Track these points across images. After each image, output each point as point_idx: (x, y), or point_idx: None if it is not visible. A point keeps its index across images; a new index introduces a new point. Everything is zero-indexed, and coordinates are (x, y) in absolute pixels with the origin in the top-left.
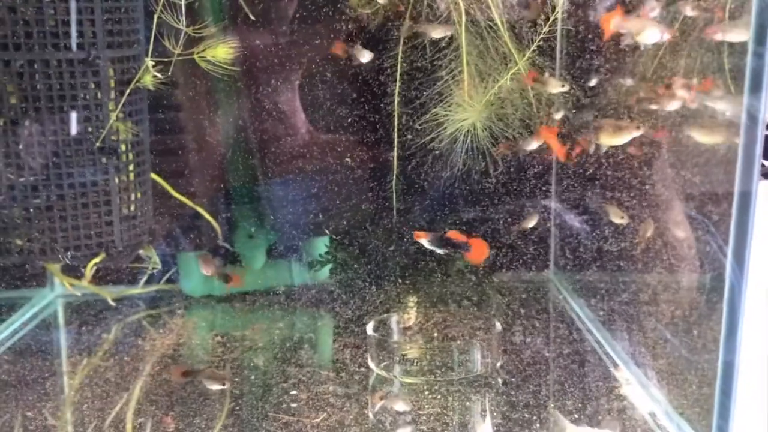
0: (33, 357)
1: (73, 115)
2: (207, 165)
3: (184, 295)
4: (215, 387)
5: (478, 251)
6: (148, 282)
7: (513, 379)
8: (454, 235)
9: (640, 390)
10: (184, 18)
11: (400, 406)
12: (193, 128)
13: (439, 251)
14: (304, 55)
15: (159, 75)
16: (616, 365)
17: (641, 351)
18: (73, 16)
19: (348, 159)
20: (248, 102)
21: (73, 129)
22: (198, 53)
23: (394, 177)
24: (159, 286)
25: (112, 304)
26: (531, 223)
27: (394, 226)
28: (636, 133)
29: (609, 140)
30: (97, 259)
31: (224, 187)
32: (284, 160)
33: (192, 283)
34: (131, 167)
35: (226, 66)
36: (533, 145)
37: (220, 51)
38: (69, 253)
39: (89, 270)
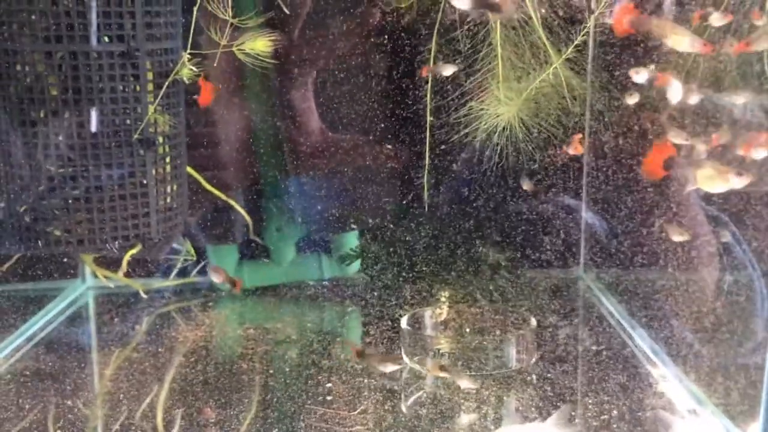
0: (66, 348)
1: (94, 112)
2: (234, 159)
3: (214, 287)
4: (390, 368)
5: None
6: (179, 274)
7: (549, 375)
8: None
9: (679, 387)
10: (230, 9)
11: (465, 383)
12: (220, 122)
13: None
14: (334, 49)
15: (194, 69)
16: (652, 362)
17: (679, 348)
18: (93, 7)
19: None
20: (275, 97)
21: (93, 125)
22: (237, 46)
23: (426, 171)
24: (190, 279)
25: (144, 296)
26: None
27: (426, 220)
28: (738, 182)
29: (708, 185)
30: (133, 251)
31: (252, 181)
32: (312, 154)
33: None
34: (168, 159)
35: (264, 59)
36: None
37: (260, 44)
38: (108, 244)
39: (125, 261)
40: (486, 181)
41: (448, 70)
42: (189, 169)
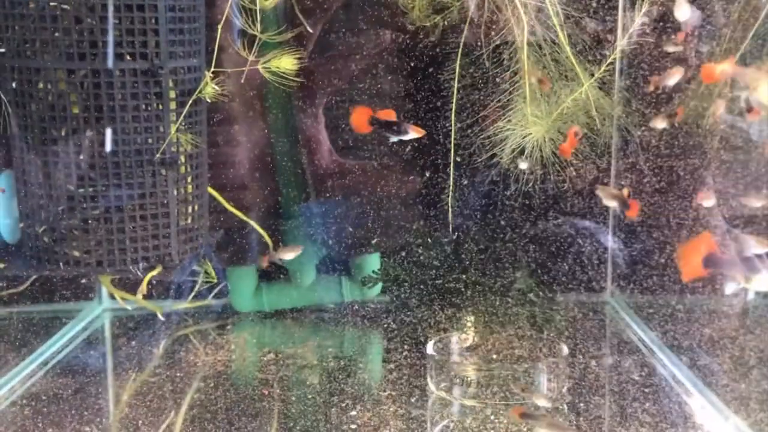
0: (82, 372)
1: (109, 131)
2: (254, 179)
3: (233, 310)
4: None
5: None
6: (197, 297)
7: (581, 405)
8: None
9: (719, 418)
10: (258, 24)
11: (542, 401)
12: (240, 142)
13: None
14: (347, 72)
15: (217, 87)
16: (687, 391)
17: (717, 376)
18: (116, 24)
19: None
20: (294, 117)
21: (108, 144)
22: (263, 64)
23: (450, 192)
24: (208, 301)
25: (162, 318)
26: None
27: (451, 243)
28: None
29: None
30: (154, 272)
31: (271, 202)
32: (329, 178)
33: (241, 298)
34: (189, 179)
35: (290, 77)
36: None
37: (285, 61)
38: (132, 266)
39: (145, 283)
40: (513, 203)
41: (673, 78)
42: (210, 190)
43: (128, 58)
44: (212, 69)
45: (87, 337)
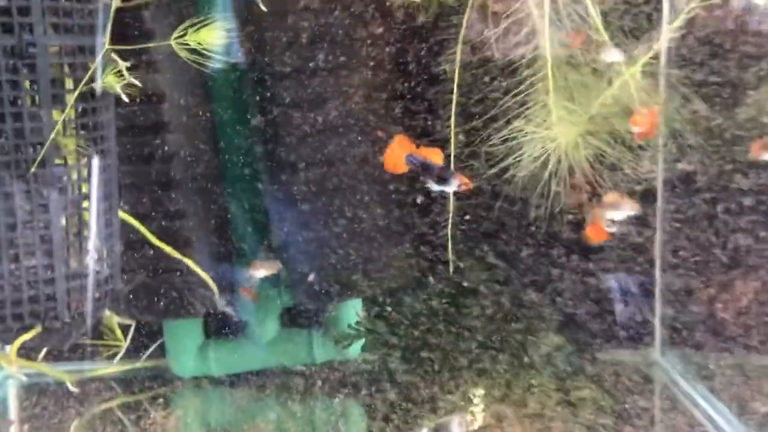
0: None
1: None
2: (195, 203)
3: (172, 375)
4: None
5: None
6: (124, 359)
7: None
8: None
9: None
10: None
11: None
12: (175, 153)
13: None
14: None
15: (127, 74)
16: None
17: None
18: None
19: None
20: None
21: None
22: (176, 39)
23: (450, 221)
24: (139, 365)
25: (73, 389)
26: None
27: (451, 288)
28: None
29: None
30: (27, 336)
31: (219, 235)
32: (297, 188)
33: (182, 360)
34: (85, 203)
35: (211, 53)
36: None
37: (206, 34)
38: None
39: (14, 349)
40: (532, 236)
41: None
42: (125, 216)
43: None
44: (112, 48)
45: None
